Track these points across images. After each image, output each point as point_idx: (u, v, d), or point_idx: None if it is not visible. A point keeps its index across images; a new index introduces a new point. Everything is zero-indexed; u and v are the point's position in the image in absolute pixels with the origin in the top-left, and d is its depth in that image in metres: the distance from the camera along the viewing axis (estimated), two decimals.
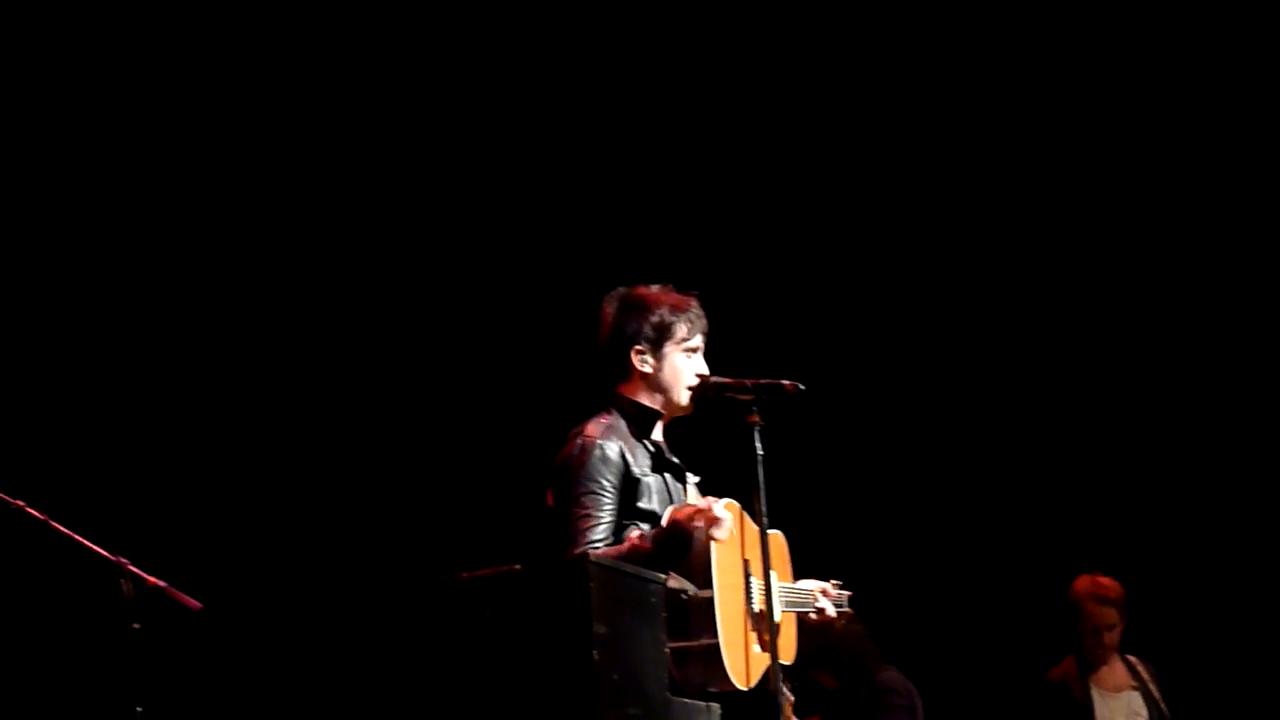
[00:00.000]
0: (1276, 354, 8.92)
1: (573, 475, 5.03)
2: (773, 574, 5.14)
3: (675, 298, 5.25)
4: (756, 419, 4.97)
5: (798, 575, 5.42)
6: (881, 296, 9.12)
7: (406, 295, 8.61)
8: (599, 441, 5.05)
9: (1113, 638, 7.94)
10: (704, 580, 4.91)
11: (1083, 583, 7.94)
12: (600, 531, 4.96)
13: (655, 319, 5.19)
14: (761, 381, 5.02)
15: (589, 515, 4.96)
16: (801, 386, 5.01)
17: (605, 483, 5.01)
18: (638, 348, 5.19)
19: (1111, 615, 7.88)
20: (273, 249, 8.44)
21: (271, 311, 8.40)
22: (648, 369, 5.20)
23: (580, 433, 5.10)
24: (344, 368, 8.48)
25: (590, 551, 4.85)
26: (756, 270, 8.78)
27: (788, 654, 5.28)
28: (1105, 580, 7.92)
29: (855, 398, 8.80)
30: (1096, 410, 9.10)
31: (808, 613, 5.38)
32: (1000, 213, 9.06)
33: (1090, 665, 7.98)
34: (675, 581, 4.85)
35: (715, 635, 4.87)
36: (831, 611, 5.42)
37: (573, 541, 4.94)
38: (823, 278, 9.03)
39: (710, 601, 4.89)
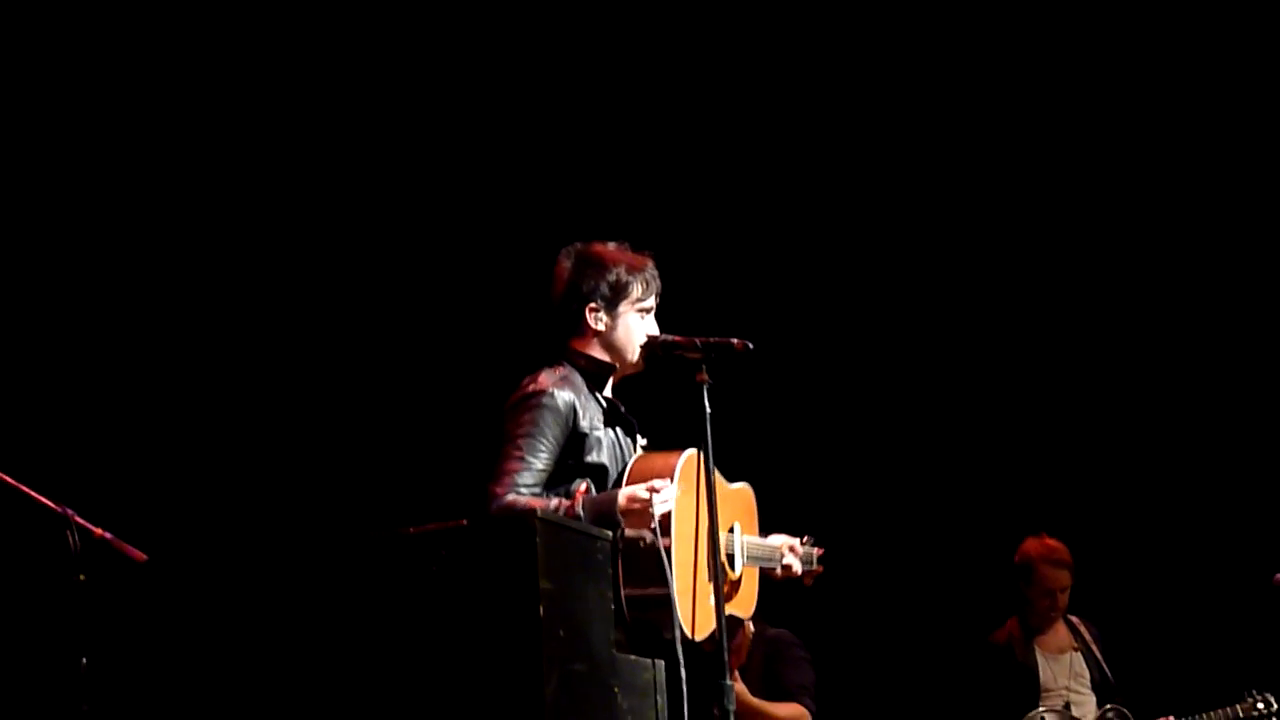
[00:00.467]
0: (1192, 312, 9.00)
1: (517, 417, 5.03)
2: (737, 526, 5.17)
3: (632, 257, 5.25)
4: (705, 378, 4.98)
5: (766, 532, 5.44)
6: (827, 257, 9.09)
7: (348, 248, 8.54)
8: (551, 389, 5.06)
9: (1064, 600, 7.98)
10: (662, 528, 4.92)
11: (1034, 546, 7.97)
12: (528, 476, 4.95)
13: (612, 278, 5.19)
14: (711, 340, 5.02)
15: (522, 459, 4.96)
16: (750, 345, 5.02)
17: (548, 430, 5.01)
18: (593, 305, 5.19)
19: (1065, 578, 7.92)
20: (213, 195, 8.35)
21: (214, 260, 8.31)
22: (601, 327, 5.21)
23: (533, 380, 5.10)
24: (294, 323, 8.40)
25: (513, 496, 4.85)
26: (703, 228, 8.74)
27: (747, 608, 5.31)
28: (1056, 543, 7.95)
29: (802, 357, 8.79)
30: (1033, 372, 9.13)
31: (773, 568, 5.39)
32: (948, 167, 9.05)
33: (1037, 628, 8.02)
34: (633, 529, 4.87)
35: (667, 584, 4.88)
36: (798, 568, 5.44)
37: (497, 480, 4.95)
38: (769, 235, 8.99)
39: (666, 550, 4.90)
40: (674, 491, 4.93)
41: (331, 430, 8.31)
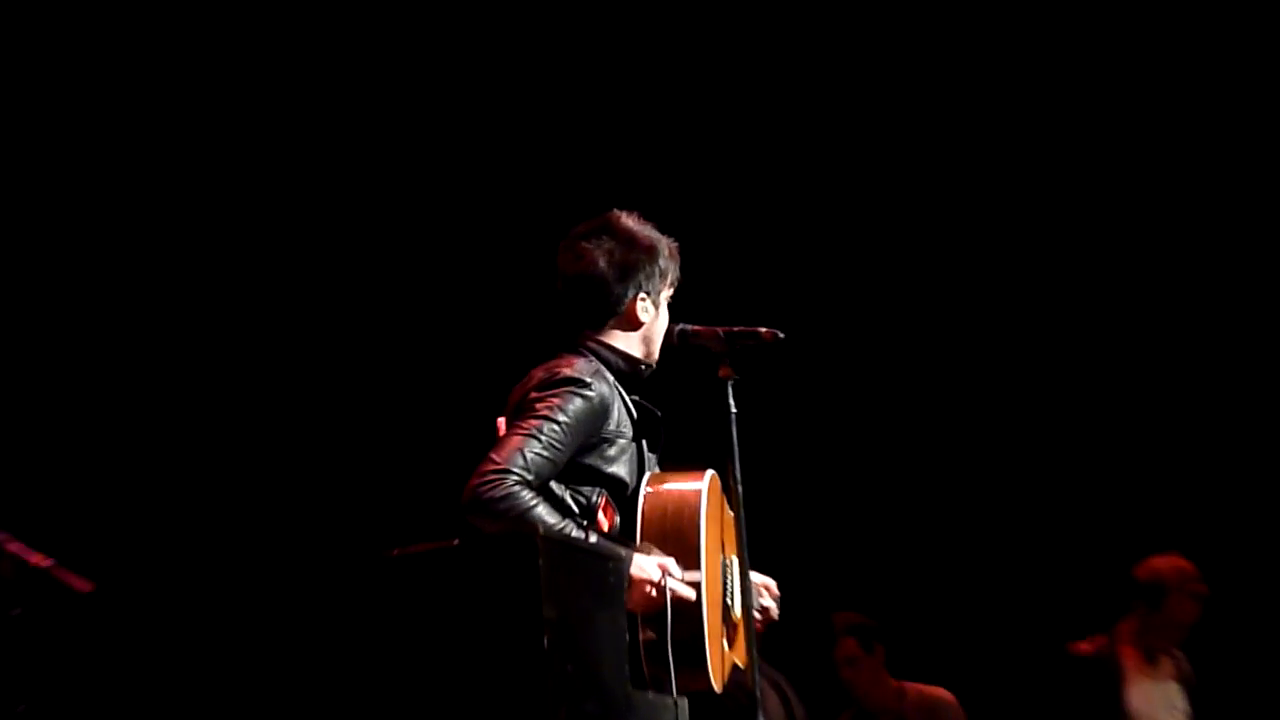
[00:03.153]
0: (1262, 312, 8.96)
1: (545, 398, 4.39)
2: (734, 559, 4.58)
3: (664, 237, 4.68)
4: (730, 372, 4.47)
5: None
6: (863, 237, 9.06)
7: (329, 255, 8.50)
8: (590, 380, 4.44)
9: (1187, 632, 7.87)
10: (692, 560, 4.39)
11: (1170, 571, 7.74)
12: (536, 461, 4.30)
13: (662, 263, 4.62)
14: (735, 329, 4.53)
15: (536, 439, 4.32)
16: (780, 334, 4.53)
17: (575, 424, 4.38)
18: (645, 294, 4.60)
19: (1198, 612, 7.76)
20: (197, 200, 8.32)
21: (195, 264, 8.28)
22: (646, 319, 4.61)
23: (568, 364, 4.48)
24: (264, 335, 8.34)
25: (514, 484, 4.24)
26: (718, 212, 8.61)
27: (743, 654, 4.63)
28: (1192, 569, 7.74)
29: (832, 347, 8.67)
30: (1083, 372, 9.12)
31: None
32: (979, 162, 9.01)
33: (1146, 654, 7.81)
34: (637, 602, 4.32)
35: (700, 626, 4.34)
36: (775, 613, 4.77)
37: (499, 449, 4.31)
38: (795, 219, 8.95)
39: (697, 586, 4.36)
40: (693, 577, 4.37)
41: (301, 447, 8.23)
